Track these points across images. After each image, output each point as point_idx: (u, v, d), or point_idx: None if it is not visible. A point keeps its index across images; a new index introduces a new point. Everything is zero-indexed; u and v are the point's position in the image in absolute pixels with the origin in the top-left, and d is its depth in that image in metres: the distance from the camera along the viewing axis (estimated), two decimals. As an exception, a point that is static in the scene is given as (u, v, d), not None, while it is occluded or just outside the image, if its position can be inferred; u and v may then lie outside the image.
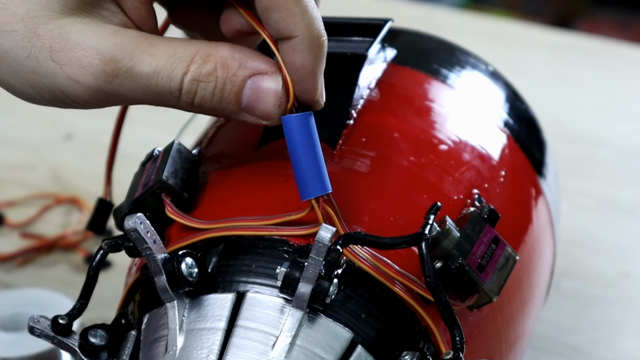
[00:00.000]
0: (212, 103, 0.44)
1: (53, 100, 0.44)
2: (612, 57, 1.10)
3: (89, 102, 0.44)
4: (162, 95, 0.44)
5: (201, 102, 0.44)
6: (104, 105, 0.45)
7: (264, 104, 0.44)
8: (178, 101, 0.44)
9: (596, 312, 0.72)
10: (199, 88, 0.43)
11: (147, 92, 0.44)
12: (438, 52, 0.60)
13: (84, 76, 0.43)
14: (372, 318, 0.44)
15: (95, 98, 0.44)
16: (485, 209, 0.47)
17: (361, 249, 0.45)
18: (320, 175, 0.44)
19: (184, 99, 0.44)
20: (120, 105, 0.46)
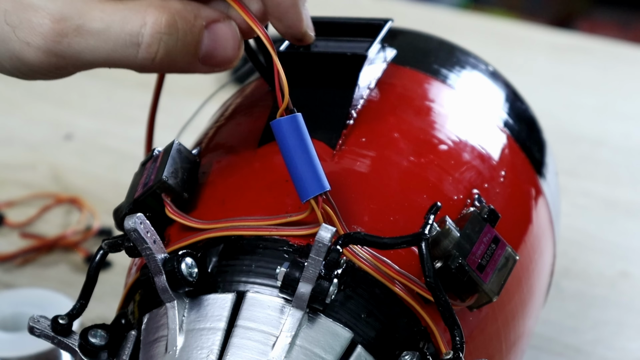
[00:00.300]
0: (173, 56, 0.43)
1: (12, 69, 0.44)
2: (612, 57, 1.10)
3: (44, 67, 0.43)
4: (117, 52, 0.43)
5: (162, 57, 0.43)
6: (60, 71, 0.44)
7: (224, 50, 0.44)
8: (136, 58, 0.43)
9: (596, 312, 0.72)
10: (162, 41, 0.43)
11: (100, 50, 0.43)
12: (438, 52, 0.60)
13: (34, 37, 0.42)
14: (372, 318, 0.44)
15: (48, 62, 0.43)
16: (485, 209, 0.47)
17: (361, 249, 0.45)
18: (316, 174, 0.44)
19: (144, 54, 0.43)
20: (77, 70, 0.45)
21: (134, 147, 0.63)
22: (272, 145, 0.49)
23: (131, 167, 0.52)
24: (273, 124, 0.44)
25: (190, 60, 0.44)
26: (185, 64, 0.44)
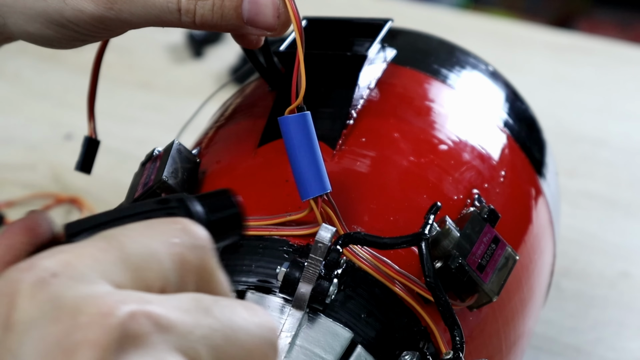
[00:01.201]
0: (214, 20, 0.45)
1: (67, 39, 0.47)
2: (612, 57, 1.10)
3: (99, 31, 0.46)
4: (163, 16, 0.45)
5: (202, 21, 0.45)
6: (114, 31, 0.47)
7: (264, 16, 0.45)
8: (180, 21, 0.45)
9: (596, 312, 0.72)
10: (197, 7, 0.45)
11: (148, 14, 0.45)
12: (438, 52, 0.60)
13: (86, 5, 0.45)
14: (372, 318, 0.44)
15: (101, 26, 0.46)
16: (485, 209, 0.47)
17: (361, 249, 0.45)
18: (319, 175, 0.44)
19: (185, 18, 0.45)
20: (129, 29, 0.48)
21: (134, 147, 0.63)
22: (272, 145, 0.49)
23: (131, 167, 0.52)
24: (280, 119, 0.44)
25: (235, 23, 0.46)
26: (230, 25, 0.46)
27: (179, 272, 0.32)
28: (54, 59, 1.02)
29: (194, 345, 0.30)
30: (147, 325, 0.29)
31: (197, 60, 1.05)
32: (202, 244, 0.32)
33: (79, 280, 0.30)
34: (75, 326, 0.29)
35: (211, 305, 0.31)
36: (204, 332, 0.30)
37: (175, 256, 0.32)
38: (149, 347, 0.29)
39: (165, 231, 0.32)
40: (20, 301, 0.29)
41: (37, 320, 0.29)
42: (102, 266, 0.30)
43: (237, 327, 0.31)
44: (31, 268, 0.30)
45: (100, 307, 0.29)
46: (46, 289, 0.29)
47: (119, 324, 0.29)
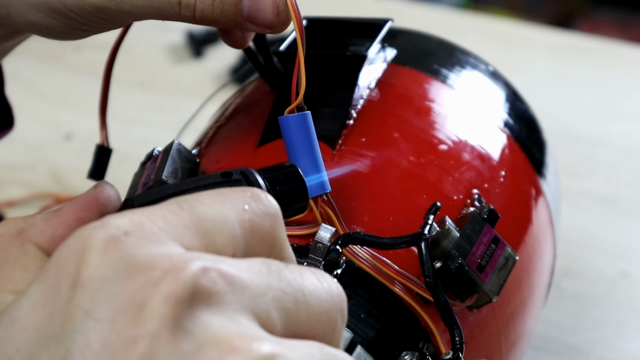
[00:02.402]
0: (214, 15, 0.45)
1: (69, 29, 0.47)
2: (612, 57, 1.10)
3: (100, 22, 0.46)
4: (163, 9, 0.45)
5: (202, 15, 0.45)
6: (115, 23, 0.47)
7: (264, 13, 0.45)
8: (180, 15, 0.45)
9: (596, 312, 0.72)
10: (198, 1, 0.45)
11: (149, 6, 0.45)
12: (438, 52, 0.60)
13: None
14: (372, 318, 0.44)
15: (102, 17, 0.46)
16: (485, 209, 0.47)
17: (361, 249, 0.45)
18: (319, 175, 0.44)
19: (185, 12, 0.45)
20: (130, 21, 0.48)
21: (134, 147, 0.63)
22: (272, 145, 0.49)
23: (131, 167, 0.52)
24: (280, 119, 0.44)
25: (234, 19, 0.45)
26: (230, 21, 0.46)
27: (249, 238, 0.32)
28: (54, 59, 1.02)
29: (266, 307, 0.30)
30: (220, 283, 0.29)
31: (197, 60, 1.05)
32: (272, 212, 0.32)
33: (150, 240, 0.30)
34: (147, 282, 0.29)
35: (282, 269, 0.31)
36: (276, 294, 0.30)
37: (245, 223, 0.32)
38: (222, 305, 0.29)
39: (237, 198, 0.32)
40: (91, 258, 0.29)
41: (109, 277, 0.29)
42: (174, 228, 0.30)
43: (308, 292, 0.31)
44: (103, 226, 0.30)
45: (173, 263, 0.29)
46: (118, 246, 0.29)
47: (191, 278, 0.29)
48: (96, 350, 0.28)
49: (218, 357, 0.28)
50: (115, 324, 0.28)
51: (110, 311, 0.28)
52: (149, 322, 0.28)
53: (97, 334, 0.28)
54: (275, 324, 0.30)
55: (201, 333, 0.28)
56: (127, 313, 0.28)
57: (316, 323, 0.31)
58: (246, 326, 0.29)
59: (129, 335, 0.28)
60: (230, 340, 0.28)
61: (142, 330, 0.28)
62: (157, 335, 0.28)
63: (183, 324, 0.28)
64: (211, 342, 0.28)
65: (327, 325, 0.32)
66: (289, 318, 0.31)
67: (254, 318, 0.30)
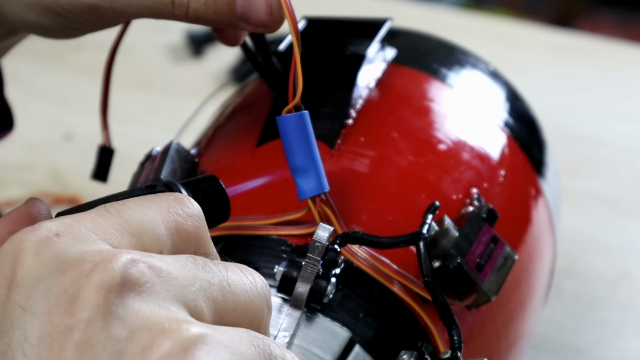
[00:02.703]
0: (207, 14, 0.45)
1: (63, 28, 0.47)
2: (612, 57, 1.10)
3: (94, 20, 0.46)
4: (156, 7, 0.45)
5: (195, 14, 0.45)
6: (109, 21, 0.47)
7: (256, 13, 0.45)
8: (173, 13, 0.45)
9: (597, 312, 0.72)
10: (191, 0, 0.45)
11: (142, 5, 0.45)
12: (438, 51, 0.60)
13: None
14: (371, 317, 0.44)
15: (96, 15, 0.46)
16: (484, 209, 0.47)
17: (359, 249, 0.44)
18: (317, 174, 0.44)
19: (178, 11, 0.45)
20: (124, 20, 0.48)
21: (133, 147, 0.63)
22: (271, 144, 0.49)
23: (130, 167, 0.52)
24: (278, 119, 0.44)
25: (227, 18, 0.45)
26: (226, 22, 0.45)
27: (174, 238, 0.33)
28: (53, 59, 1.02)
29: (194, 297, 0.31)
30: (148, 274, 0.31)
31: (197, 60, 1.05)
32: (195, 213, 0.34)
33: (81, 240, 0.31)
34: (79, 274, 0.30)
35: (207, 262, 0.33)
36: (202, 284, 0.32)
37: (170, 223, 0.33)
38: (151, 294, 0.30)
39: (161, 202, 0.34)
40: (25, 258, 0.31)
41: (43, 274, 0.30)
42: (102, 230, 0.32)
43: (233, 283, 0.33)
44: (35, 229, 0.32)
45: (103, 256, 0.30)
46: (50, 246, 0.31)
47: (121, 268, 0.30)
48: (34, 343, 0.29)
49: (150, 339, 0.29)
50: (51, 316, 0.29)
51: (46, 305, 0.30)
52: (82, 311, 0.29)
53: (34, 327, 0.29)
54: (203, 312, 0.31)
55: (133, 319, 0.30)
56: (62, 305, 0.30)
57: (243, 312, 0.33)
58: (176, 312, 0.30)
59: (65, 325, 0.29)
60: (160, 323, 0.30)
61: (76, 320, 0.29)
62: (90, 323, 0.29)
63: (115, 311, 0.29)
64: (143, 326, 0.29)
65: (253, 315, 0.33)
66: (216, 307, 0.32)
67: (183, 307, 0.31)
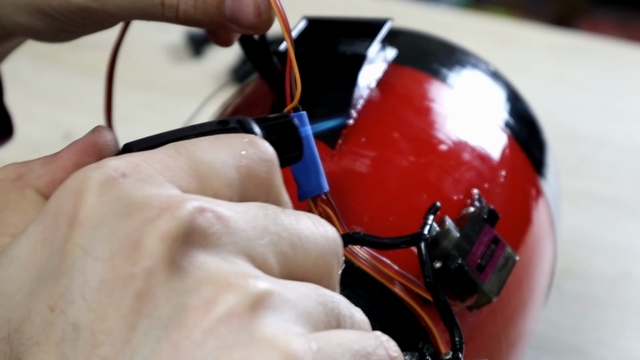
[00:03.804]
0: (196, 16, 0.44)
1: (56, 31, 0.46)
2: (612, 57, 1.10)
3: (86, 23, 0.46)
4: (147, 9, 0.45)
5: (185, 16, 0.44)
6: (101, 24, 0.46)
7: (245, 15, 0.44)
8: (163, 15, 0.45)
9: (597, 312, 0.72)
10: (180, 2, 0.44)
11: (133, 7, 0.45)
12: (438, 52, 0.60)
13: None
14: (372, 318, 0.44)
15: (88, 17, 0.45)
16: (485, 209, 0.47)
17: (360, 249, 0.44)
18: (316, 174, 0.43)
19: (168, 12, 0.44)
20: (116, 22, 0.47)
21: (133, 147, 0.63)
22: (271, 145, 0.49)
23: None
24: None
25: (217, 20, 0.45)
26: (213, 23, 0.45)
27: (246, 183, 0.32)
28: (52, 59, 1.02)
29: (262, 251, 0.30)
30: (216, 224, 0.29)
31: (197, 60, 1.05)
32: (268, 158, 0.33)
33: (147, 182, 0.30)
34: (144, 220, 0.29)
35: (279, 213, 0.31)
36: (272, 238, 0.31)
37: (243, 167, 0.32)
38: (217, 246, 0.29)
39: (234, 144, 0.32)
40: (89, 198, 0.30)
41: (106, 216, 0.29)
42: (171, 171, 0.31)
43: (304, 236, 0.31)
44: (100, 167, 0.30)
45: (170, 202, 0.29)
46: (115, 187, 0.30)
47: (187, 217, 0.29)
48: (94, 287, 0.28)
49: (214, 293, 0.28)
50: (113, 261, 0.28)
51: (108, 249, 0.29)
52: (145, 260, 0.28)
53: (95, 271, 0.28)
54: (271, 267, 0.30)
55: (197, 271, 0.29)
56: (124, 250, 0.29)
57: (312, 267, 0.32)
58: (242, 266, 0.29)
59: (127, 273, 0.28)
60: (226, 277, 0.28)
61: (138, 268, 0.28)
62: (153, 273, 0.28)
63: (179, 262, 0.28)
64: (207, 279, 0.28)
65: (323, 270, 0.32)
66: (285, 261, 0.31)
67: (250, 261, 0.30)
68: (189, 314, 0.28)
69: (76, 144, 0.36)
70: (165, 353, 0.27)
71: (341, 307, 0.31)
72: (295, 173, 0.44)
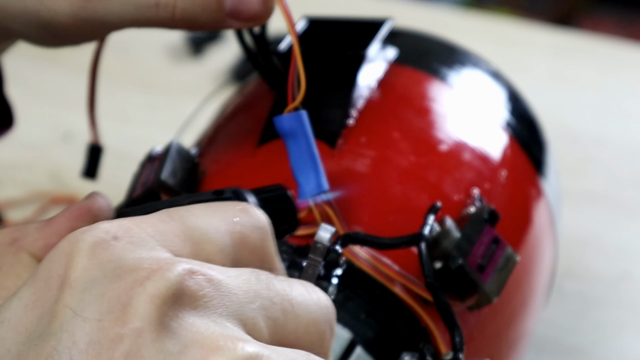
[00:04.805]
0: (193, 13, 0.43)
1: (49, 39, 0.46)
2: (613, 57, 1.10)
3: (78, 32, 0.45)
4: (139, 12, 0.43)
5: (181, 14, 0.43)
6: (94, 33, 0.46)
7: (249, 4, 0.43)
8: (157, 17, 0.43)
9: (598, 312, 0.72)
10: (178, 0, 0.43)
11: (124, 11, 0.43)
12: (439, 51, 0.60)
13: (60, 5, 0.43)
14: (372, 319, 0.44)
15: (78, 26, 0.44)
16: (486, 209, 0.47)
17: (361, 250, 0.44)
18: (316, 174, 0.43)
19: (162, 13, 0.43)
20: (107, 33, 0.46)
21: (133, 147, 0.63)
22: (271, 144, 0.49)
23: (130, 167, 0.51)
24: (275, 119, 0.44)
25: (216, 16, 0.43)
26: (211, 20, 0.43)
27: (238, 249, 0.32)
28: (52, 59, 1.01)
29: (253, 315, 0.30)
30: (207, 287, 0.29)
31: (197, 60, 1.05)
32: (261, 225, 0.33)
33: (139, 245, 0.30)
34: (134, 281, 0.29)
35: (271, 279, 0.31)
36: (263, 303, 0.31)
37: (236, 234, 0.32)
38: (208, 309, 0.29)
39: (227, 211, 0.33)
40: (80, 259, 0.30)
41: (96, 278, 0.29)
42: (163, 236, 0.31)
43: (296, 302, 0.31)
44: (92, 229, 0.30)
45: (161, 264, 0.29)
46: (107, 249, 0.30)
47: (177, 278, 0.29)
48: (82, 349, 0.28)
49: (202, 356, 0.28)
50: (102, 322, 0.28)
51: (97, 310, 0.29)
52: (134, 320, 0.28)
53: (83, 332, 0.28)
54: (262, 332, 0.30)
55: (186, 333, 0.29)
56: (114, 312, 0.29)
57: (304, 334, 0.32)
58: (232, 330, 0.29)
59: (115, 333, 0.28)
60: (215, 340, 0.28)
61: (127, 329, 0.28)
62: (142, 334, 0.28)
63: (168, 324, 0.28)
64: (196, 342, 0.28)
65: (315, 337, 0.32)
66: (276, 327, 0.31)
67: (241, 325, 0.30)
68: None
69: (71, 210, 0.36)
70: None
71: None
72: (296, 172, 0.44)
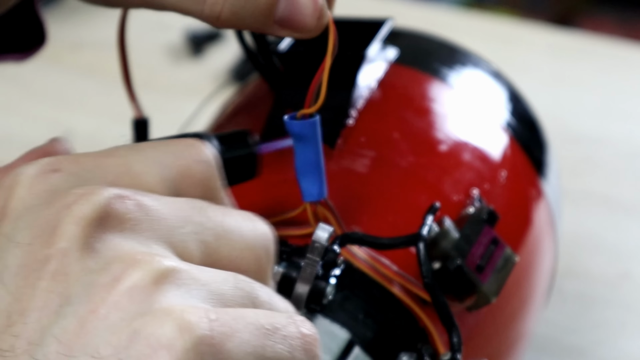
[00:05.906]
0: (241, 15, 0.40)
1: None
2: (613, 57, 1.10)
3: None
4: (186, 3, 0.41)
5: (228, 16, 0.40)
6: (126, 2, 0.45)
7: (302, 16, 0.41)
8: (202, 13, 0.41)
9: (597, 312, 0.72)
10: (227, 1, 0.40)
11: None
12: (439, 51, 0.60)
13: None
14: (370, 319, 0.44)
15: None
16: (485, 210, 0.47)
17: (359, 249, 0.44)
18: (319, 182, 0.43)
19: (208, 11, 0.40)
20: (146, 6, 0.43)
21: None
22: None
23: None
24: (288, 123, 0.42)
25: (264, 22, 0.41)
26: (258, 24, 0.41)
27: (180, 181, 0.33)
28: (52, 59, 1.01)
29: (182, 239, 0.31)
30: (135, 211, 0.30)
31: (197, 60, 1.05)
32: (206, 159, 0.34)
33: (77, 176, 0.31)
34: (63, 206, 0.30)
35: (206, 207, 0.32)
36: (195, 228, 0.31)
37: (180, 167, 0.33)
38: (134, 232, 0.30)
39: (174, 146, 0.33)
40: (19, 191, 0.31)
41: (32, 206, 0.31)
42: (103, 169, 0.32)
43: (229, 228, 0.32)
44: (34, 164, 0.32)
45: (90, 190, 0.30)
46: (45, 181, 0.31)
47: (103, 202, 0.30)
48: (13, 271, 0.30)
49: (121, 270, 0.29)
50: (32, 246, 0.30)
51: (29, 235, 0.30)
52: (60, 242, 0.30)
53: (15, 256, 0.30)
54: (192, 254, 0.31)
55: (108, 252, 0.30)
56: (43, 235, 0.30)
57: (238, 259, 0.32)
58: (157, 250, 0.30)
59: (43, 255, 0.30)
60: (134, 255, 0.29)
61: (54, 250, 0.30)
62: (67, 254, 0.29)
63: (93, 244, 0.30)
64: (117, 258, 0.30)
65: (251, 262, 0.33)
66: (208, 250, 0.32)
67: (170, 248, 0.31)
68: (96, 290, 0.29)
69: (29, 153, 0.37)
70: (72, 328, 0.28)
71: (259, 294, 0.32)
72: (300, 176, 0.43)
